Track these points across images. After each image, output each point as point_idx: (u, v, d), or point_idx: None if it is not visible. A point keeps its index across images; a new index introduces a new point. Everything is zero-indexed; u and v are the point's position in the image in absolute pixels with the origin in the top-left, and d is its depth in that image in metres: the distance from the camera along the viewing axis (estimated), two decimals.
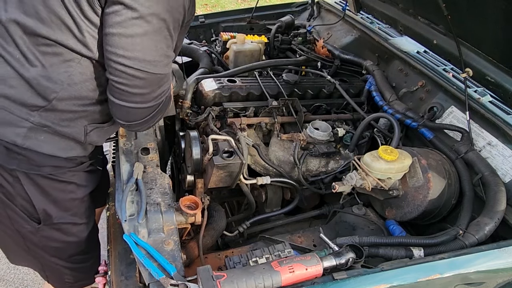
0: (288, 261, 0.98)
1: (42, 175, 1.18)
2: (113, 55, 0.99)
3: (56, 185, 1.23)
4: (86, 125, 1.16)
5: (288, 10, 2.88)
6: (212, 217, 1.45)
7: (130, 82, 1.02)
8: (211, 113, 1.66)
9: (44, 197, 1.23)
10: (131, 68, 1.00)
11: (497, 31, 1.46)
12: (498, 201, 1.33)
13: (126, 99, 1.06)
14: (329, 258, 1.05)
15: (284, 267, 0.96)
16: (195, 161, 1.44)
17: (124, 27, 0.95)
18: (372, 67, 2.02)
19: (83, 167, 1.28)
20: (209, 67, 2.05)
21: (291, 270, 0.96)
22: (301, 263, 0.98)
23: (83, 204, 1.35)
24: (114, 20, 0.95)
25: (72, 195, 1.30)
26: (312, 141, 1.68)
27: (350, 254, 1.06)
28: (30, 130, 1.08)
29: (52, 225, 1.29)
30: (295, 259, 1.00)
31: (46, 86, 1.04)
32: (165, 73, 1.07)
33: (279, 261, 0.98)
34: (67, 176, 1.24)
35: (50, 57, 1.03)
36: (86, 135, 1.18)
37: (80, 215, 1.36)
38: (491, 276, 1.19)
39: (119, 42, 0.97)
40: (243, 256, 1.11)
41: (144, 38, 0.97)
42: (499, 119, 1.50)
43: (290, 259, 1.00)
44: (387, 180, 1.42)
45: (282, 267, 0.96)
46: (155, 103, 1.11)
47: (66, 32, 0.99)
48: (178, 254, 1.04)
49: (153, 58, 1.01)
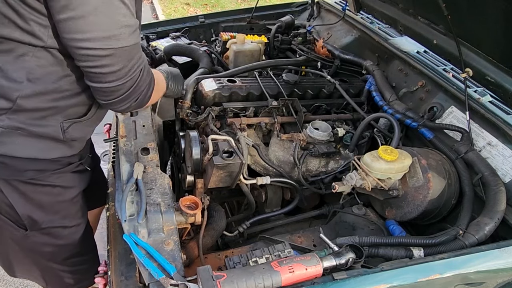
0: (288, 261, 0.98)
1: (23, 181, 1.14)
2: (72, 42, 0.94)
3: (40, 190, 1.19)
4: (62, 121, 1.12)
5: (288, 10, 2.87)
6: (212, 217, 1.45)
7: (99, 63, 0.97)
8: (211, 113, 1.66)
9: (28, 203, 1.19)
10: (94, 49, 0.94)
11: (497, 31, 1.46)
12: (498, 201, 1.32)
13: (101, 80, 1.01)
14: (329, 258, 1.05)
15: (284, 267, 0.96)
16: (195, 161, 1.44)
17: (72, 9, 0.89)
18: (372, 67, 2.02)
19: (70, 168, 1.24)
20: (209, 67, 2.05)
21: (291, 270, 0.96)
22: (301, 263, 0.98)
23: (72, 206, 1.32)
24: (59, 4, 0.89)
25: (59, 198, 1.26)
26: (312, 141, 1.68)
27: (350, 254, 1.06)
28: (2, 135, 1.04)
29: (40, 230, 1.26)
30: (295, 259, 1.00)
31: (7, 86, 1.00)
32: (130, 44, 0.99)
33: (279, 261, 0.98)
34: (52, 179, 1.20)
35: (2, 56, 0.98)
36: (64, 132, 1.13)
37: (70, 218, 1.32)
38: (491, 276, 1.19)
39: (73, 26, 0.91)
40: (243, 256, 1.11)
41: (97, 15, 0.91)
42: (499, 119, 1.50)
43: (290, 259, 1.00)
44: (387, 180, 1.42)
45: (282, 267, 0.96)
46: (130, 78, 1.04)
47: (9, 25, 0.94)
48: (178, 254, 1.04)
49: (113, 33, 0.94)
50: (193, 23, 2.61)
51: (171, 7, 7.62)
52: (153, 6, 7.72)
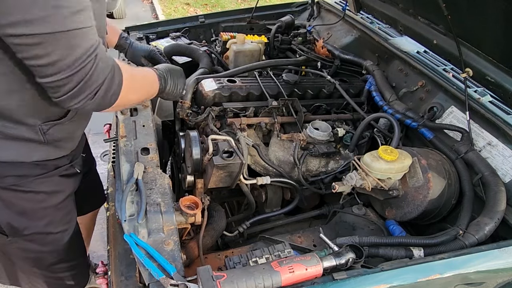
0: (288, 261, 0.98)
1: (3, 187, 1.08)
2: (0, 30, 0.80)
3: (21, 196, 1.13)
4: (40, 124, 1.04)
5: (288, 10, 2.87)
6: (212, 217, 1.45)
7: (31, 53, 0.83)
8: (211, 113, 1.66)
9: (8, 210, 1.13)
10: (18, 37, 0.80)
11: (497, 31, 1.46)
12: (498, 201, 1.32)
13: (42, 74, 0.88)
14: (329, 258, 1.05)
15: (284, 267, 0.96)
16: (195, 161, 1.44)
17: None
18: (372, 67, 2.02)
19: (58, 171, 1.17)
20: (209, 67, 2.05)
21: (291, 270, 0.96)
22: (301, 263, 0.98)
23: (58, 212, 1.25)
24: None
25: (43, 204, 1.19)
26: (312, 141, 1.68)
27: (350, 254, 1.06)
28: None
29: (23, 236, 1.20)
30: (295, 259, 1.00)
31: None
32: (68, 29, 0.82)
33: (279, 261, 0.98)
34: (34, 185, 1.13)
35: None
36: (44, 134, 1.06)
37: (55, 224, 1.26)
38: (491, 276, 1.19)
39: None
40: (243, 256, 1.11)
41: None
42: (499, 119, 1.50)
43: (290, 259, 1.00)
44: (387, 180, 1.42)
45: (282, 267, 0.96)
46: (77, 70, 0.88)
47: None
48: (178, 254, 1.04)
49: (37, 15, 0.77)
50: (193, 23, 2.61)
51: (171, 7, 7.62)
52: (153, 6, 7.72)
